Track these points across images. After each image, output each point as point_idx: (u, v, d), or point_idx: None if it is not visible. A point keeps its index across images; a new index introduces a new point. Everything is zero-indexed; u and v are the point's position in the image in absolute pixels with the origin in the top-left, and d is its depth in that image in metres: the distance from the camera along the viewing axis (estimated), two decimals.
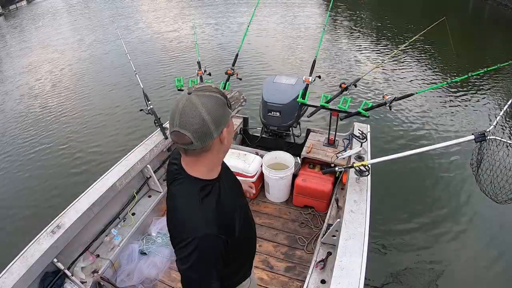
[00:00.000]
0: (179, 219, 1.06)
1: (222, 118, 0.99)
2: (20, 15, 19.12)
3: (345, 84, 2.78)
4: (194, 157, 1.03)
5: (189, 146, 0.98)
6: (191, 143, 0.96)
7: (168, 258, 2.62)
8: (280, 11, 12.50)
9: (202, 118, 0.94)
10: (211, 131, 0.97)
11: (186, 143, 0.97)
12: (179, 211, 1.07)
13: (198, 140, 0.96)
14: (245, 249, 1.29)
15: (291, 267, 2.57)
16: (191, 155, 1.02)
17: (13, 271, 1.86)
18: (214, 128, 0.97)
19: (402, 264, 3.11)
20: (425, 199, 3.85)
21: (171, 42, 9.74)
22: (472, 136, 1.87)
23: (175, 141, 0.99)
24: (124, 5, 16.64)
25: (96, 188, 2.45)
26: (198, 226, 1.00)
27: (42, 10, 19.35)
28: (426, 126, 5.17)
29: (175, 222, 1.09)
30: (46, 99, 6.95)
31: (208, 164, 1.07)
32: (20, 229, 3.69)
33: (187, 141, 0.96)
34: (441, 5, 12.90)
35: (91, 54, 9.59)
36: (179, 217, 1.06)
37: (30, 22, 16.50)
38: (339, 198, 2.76)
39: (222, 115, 0.99)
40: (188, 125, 0.94)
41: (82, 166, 4.70)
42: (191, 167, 1.08)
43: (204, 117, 0.94)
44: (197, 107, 0.94)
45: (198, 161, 1.05)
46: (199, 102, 0.94)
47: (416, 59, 7.75)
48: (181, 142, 0.97)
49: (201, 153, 1.02)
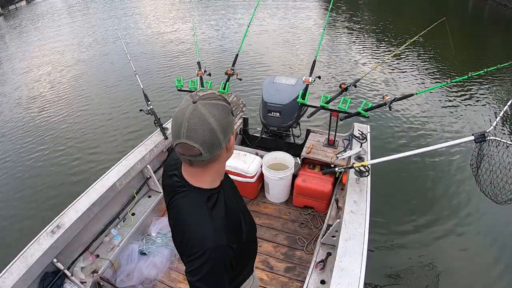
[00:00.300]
0: (188, 233, 1.02)
1: (229, 126, 0.96)
2: (20, 15, 19.14)
3: (345, 84, 2.77)
4: (201, 168, 0.99)
5: (197, 158, 0.93)
6: (199, 155, 0.92)
7: (167, 258, 2.62)
8: (280, 12, 12.50)
9: (211, 128, 0.90)
10: (220, 141, 0.93)
11: (194, 155, 0.92)
12: (187, 225, 1.03)
13: (208, 151, 0.92)
14: (248, 251, 1.28)
15: (291, 267, 2.57)
16: (198, 166, 0.98)
17: (13, 271, 1.86)
18: (223, 138, 0.94)
19: (402, 264, 3.11)
20: (425, 199, 3.85)
21: (171, 42, 9.74)
22: (472, 136, 1.87)
23: (181, 153, 0.94)
24: (124, 6, 16.65)
25: (96, 188, 2.45)
26: (208, 238, 0.97)
27: (42, 11, 19.37)
28: (426, 127, 5.17)
29: (182, 236, 1.04)
30: (45, 100, 6.95)
31: (213, 174, 1.04)
32: (20, 229, 3.69)
33: (195, 153, 0.92)
34: (441, 5, 12.94)
35: (91, 55, 9.60)
36: (187, 231, 1.02)
37: (29, 22, 16.53)
38: (339, 199, 2.76)
39: (229, 124, 0.95)
40: (196, 136, 0.89)
41: (82, 166, 4.70)
42: (197, 179, 1.03)
43: (213, 127, 0.90)
44: (205, 117, 0.89)
45: (204, 172, 1.01)
46: (207, 112, 0.90)
47: (416, 60, 7.75)
48: (189, 154, 0.93)
49: (208, 164, 0.98)
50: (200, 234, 0.99)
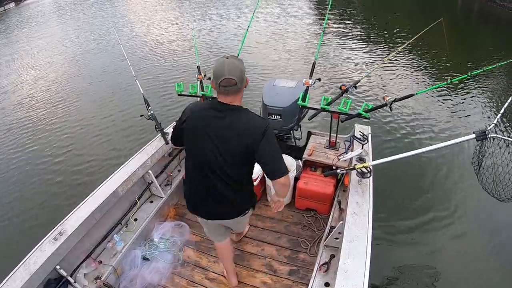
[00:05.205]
0: (250, 123, 1.64)
1: (245, 71, 1.62)
2: (8, 18, 18.65)
3: (345, 86, 2.77)
4: (233, 96, 1.63)
5: (233, 86, 1.58)
6: (235, 84, 1.57)
7: (170, 263, 2.61)
8: (278, 15, 12.54)
9: (240, 69, 1.58)
10: (243, 78, 1.61)
11: (232, 84, 1.57)
12: (248, 120, 1.65)
13: (240, 82, 1.59)
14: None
15: (294, 270, 2.56)
16: (232, 94, 1.62)
17: (16, 278, 1.86)
18: (244, 76, 1.61)
19: (407, 265, 3.09)
20: (428, 199, 3.83)
21: (170, 47, 9.77)
22: (473, 135, 1.86)
23: (223, 85, 1.56)
24: (122, 10, 16.67)
25: (97, 194, 2.45)
26: (263, 120, 1.68)
27: (31, 13, 18.94)
28: (427, 126, 5.17)
29: (245, 127, 1.63)
30: (43, 108, 6.92)
31: (240, 99, 1.69)
32: (22, 236, 3.69)
33: (233, 83, 1.57)
34: (441, 5, 12.98)
35: (89, 60, 9.61)
36: (249, 122, 1.65)
37: (19, 25, 16.14)
38: (341, 200, 2.76)
39: (244, 70, 1.62)
40: (234, 73, 1.55)
41: (83, 173, 4.70)
42: (234, 102, 1.65)
43: (241, 68, 1.58)
44: (236, 64, 1.57)
45: (236, 98, 1.65)
46: (236, 61, 1.58)
47: (416, 60, 7.77)
48: (229, 84, 1.57)
49: (238, 92, 1.64)
50: (258, 120, 1.67)
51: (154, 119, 3.07)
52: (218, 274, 2.56)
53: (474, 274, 3.03)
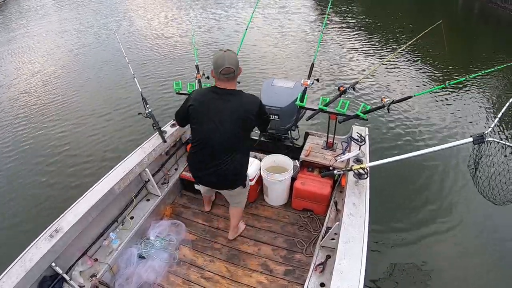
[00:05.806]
0: (247, 100, 2.11)
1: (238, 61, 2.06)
2: (8, 8, 18.16)
3: (344, 87, 2.78)
4: (231, 82, 2.08)
5: (231, 74, 2.01)
6: (233, 72, 2.01)
7: (166, 262, 2.61)
8: (278, 15, 12.52)
9: (236, 60, 2.02)
10: (238, 65, 2.05)
11: (231, 72, 2.00)
12: (245, 98, 2.12)
13: (237, 69, 2.04)
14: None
15: (290, 270, 2.56)
16: (231, 80, 2.06)
17: (11, 275, 1.85)
18: (239, 65, 2.06)
19: (402, 267, 3.11)
20: (424, 201, 3.85)
21: (169, 45, 9.72)
22: (471, 138, 1.87)
23: (224, 73, 1.99)
24: (121, 5, 16.58)
25: (94, 192, 2.45)
26: (255, 97, 2.16)
27: (30, 4, 18.54)
28: (424, 129, 5.19)
29: (244, 103, 2.09)
30: (40, 103, 6.84)
31: (235, 84, 2.14)
32: (18, 233, 3.67)
33: (232, 71, 2.00)
34: (441, 5, 13.01)
35: (87, 57, 9.50)
36: (247, 99, 2.11)
37: (17, 16, 15.84)
38: (338, 201, 2.76)
39: (238, 60, 2.06)
40: (232, 63, 1.99)
41: (80, 170, 4.68)
42: (231, 87, 2.09)
43: (237, 60, 2.03)
44: (233, 55, 2.01)
45: (233, 83, 2.10)
46: (232, 53, 2.01)
47: (414, 62, 7.79)
48: (229, 72, 1.99)
49: (235, 78, 2.09)
50: (255, 97, 2.16)
51: (152, 117, 3.06)
52: (213, 273, 2.56)
53: (470, 276, 3.05)
